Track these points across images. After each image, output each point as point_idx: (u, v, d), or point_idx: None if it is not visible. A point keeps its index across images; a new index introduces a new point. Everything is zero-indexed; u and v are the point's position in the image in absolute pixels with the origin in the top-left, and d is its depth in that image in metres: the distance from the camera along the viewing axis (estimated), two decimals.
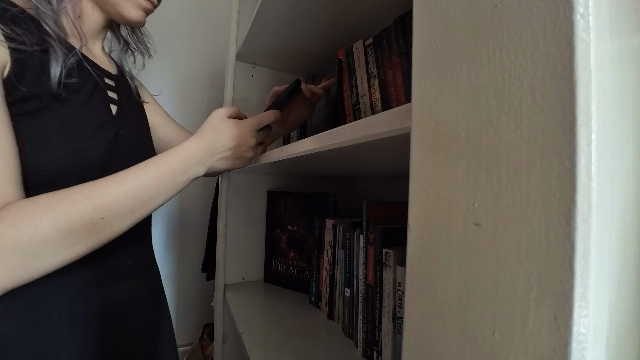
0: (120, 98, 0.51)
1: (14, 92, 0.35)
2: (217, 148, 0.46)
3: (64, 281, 0.39)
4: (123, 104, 0.51)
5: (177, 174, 0.42)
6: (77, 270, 0.38)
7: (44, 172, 0.37)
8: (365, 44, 0.56)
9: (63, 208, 0.32)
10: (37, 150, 0.37)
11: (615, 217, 0.13)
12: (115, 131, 0.47)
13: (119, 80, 0.53)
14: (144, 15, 0.49)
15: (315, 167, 0.61)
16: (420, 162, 0.19)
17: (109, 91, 0.49)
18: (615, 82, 0.13)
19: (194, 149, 0.44)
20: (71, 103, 0.41)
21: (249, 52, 0.81)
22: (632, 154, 0.15)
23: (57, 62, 0.39)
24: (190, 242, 1.34)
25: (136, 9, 0.48)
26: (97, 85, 0.46)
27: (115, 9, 0.47)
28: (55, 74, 0.39)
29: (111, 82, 0.50)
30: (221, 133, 0.46)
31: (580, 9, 0.12)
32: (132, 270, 0.49)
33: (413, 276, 0.19)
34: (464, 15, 0.16)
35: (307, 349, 0.54)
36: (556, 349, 0.12)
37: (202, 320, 1.32)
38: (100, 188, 0.35)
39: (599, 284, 0.12)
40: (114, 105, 0.49)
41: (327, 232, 0.69)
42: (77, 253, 0.34)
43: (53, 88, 0.39)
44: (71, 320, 0.40)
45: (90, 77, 0.45)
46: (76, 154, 0.40)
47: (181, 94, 1.33)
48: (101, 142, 0.44)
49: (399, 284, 0.46)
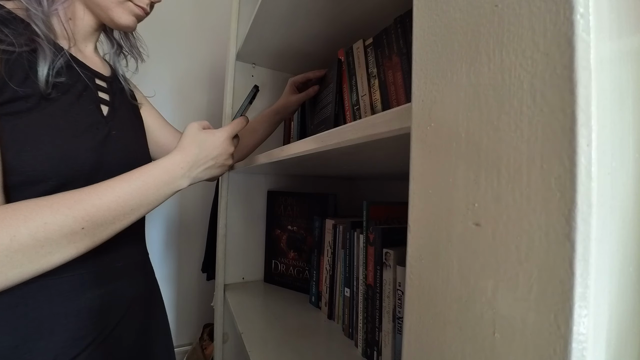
0: (113, 99, 0.51)
1: (2, 93, 0.35)
2: (200, 159, 0.47)
3: (45, 283, 0.38)
4: (115, 105, 0.51)
5: (161, 186, 0.42)
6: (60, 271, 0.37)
7: (31, 172, 0.37)
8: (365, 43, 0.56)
9: (43, 218, 0.32)
10: (25, 150, 0.37)
11: (615, 217, 0.13)
12: (107, 132, 0.46)
13: (112, 82, 0.52)
14: (134, 20, 0.49)
15: (315, 167, 0.61)
16: (420, 162, 0.19)
17: (100, 92, 0.49)
18: (615, 82, 0.13)
19: (180, 161, 0.45)
20: (59, 103, 0.41)
21: (249, 52, 0.81)
22: (632, 154, 0.15)
23: (45, 61, 0.39)
24: (190, 242, 1.34)
25: (127, 14, 0.48)
26: (87, 86, 0.46)
27: (107, 13, 0.47)
28: (43, 73, 0.39)
29: (103, 83, 0.50)
30: (203, 144, 0.48)
31: (580, 9, 0.12)
32: (122, 271, 0.48)
33: (413, 276, 0.19)
34: (464, 15, 0.16)
35: (307, 349, 0.54)
36: (556, 349, 0.12)
37: (202, 320, 1.32)
38: (82, 199, 0.35)
39: (599, 284, 0.12)
40: (105, 106, 0.49)
41: (327, 232, 0.69)
42: (54, 262, 0.33)
43: (41, 87, 0.39)
44: (51, 323, 0.39)
45: (79, 78, 0.45)
46: (64, 153, 0.40)
47: (181, 94, 1.33)
48: (90, 142, 0.43)
49: (399, 284, 0.46)
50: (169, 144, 0.62)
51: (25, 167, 0.37)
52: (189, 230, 1.34)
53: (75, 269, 0.41)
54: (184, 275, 1.33)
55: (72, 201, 0.34)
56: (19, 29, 0.38)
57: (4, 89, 0.36)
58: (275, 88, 0.91)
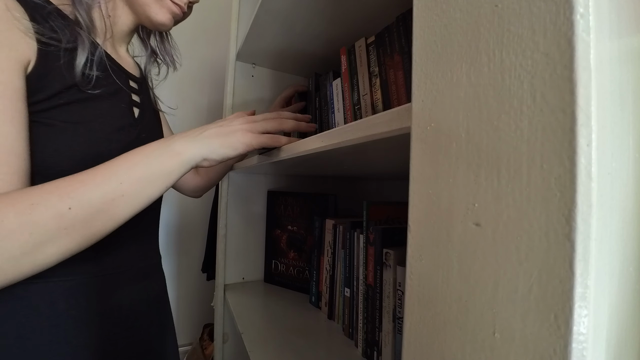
0: (142, 101, 0.52)
1: (37, 90, 0.35)
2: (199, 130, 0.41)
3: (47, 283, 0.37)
4: (144, 107, 0.52)
5: (150, 153, 0.36)
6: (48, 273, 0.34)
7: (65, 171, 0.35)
8: (367, 42, 0.56)
9: (30, 199, 0.29)
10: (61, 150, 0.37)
11: (615, 217, 0.13)
12: (137, 134, 0.47)
13: (142, 84, 0.53)
14: (171, 19, 0.49)
15: (315, 167, 0.61)
16: (420, 162, 0.19)
17: (132, 94, 0.50)
18: (615, 82, 0.13)
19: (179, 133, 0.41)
20: (94, 103, 0.41)
21: (249, 52, 0.81)
22: (632, 154, 0.15)
23: (83, 53, 0.40)
24: (190, 242, 1.34)
25: (164, 12, 0.48)
26: (121, 87, 0.47)
27: (144, 9, 0.47)
28: (80, 63, 0.39)
29: (135, 85, 0.51)
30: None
31: (580, 9, 0.12)
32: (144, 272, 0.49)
33: (413, 276, 0.19)
34: (464, 15, 0.16)
35: (307, 349, 0.54)
36: (556, 349, 0.12)
37: (202, 320, 1.32)
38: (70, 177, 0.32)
39: (599, 284, 0.12)
40: (137, 108, 0.50)
41: (327, 232, 0.69)
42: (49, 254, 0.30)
43: (77, 79, 0.39)
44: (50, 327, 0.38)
45: (113, 78, 0.46)
46: (98, 155, 0.39)
47: (181, 94, 1.33)
48: (122, 144, 0.43)
49: (399, 284, 0.46)
50: None
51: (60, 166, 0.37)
52: (189, 230, 1.34)
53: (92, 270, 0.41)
54: (184, 275, 1.33)
55: (60, 180, 0.32)
56: (62, 25, 0.39)
57: (45, 87, 0.36)
58: (275, 88, 0.91)
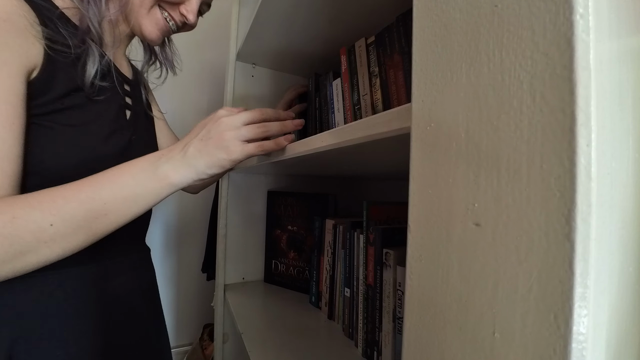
0: (134, 103, 0.52)
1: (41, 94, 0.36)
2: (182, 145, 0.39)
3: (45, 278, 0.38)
4: (136, 109, 0.52)
5: (137, 173, 0.36)
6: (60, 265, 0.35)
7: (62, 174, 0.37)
8: (367, 42, 0.56)
9: (13, 211, 0.29)
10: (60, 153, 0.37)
11: (615, 217, 0.13)
12: (129, 137, 0.47)
13: (134, 86, 0.53)
14: (160, 36, 0.49)
15: (315, 167, 0.61)
16: (420, 162, 0.19)
17: (125, 96, 0.50)
18: (614, 82, 0.13)
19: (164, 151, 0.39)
20: (93, 106, 0.42)
21: (249, 52, 0.81)
22: (632, 154, 0.15)
23: (93, 64, 0.40)
24: (190, 242, 1.34)
25: (154, 29, 0.48)
26: (117, 91, 0.47)
27: (137, 22, 0.47)
28: (90, 74, 0.39)
29: (128, 87, 0.51)
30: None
31: (580, 9, 0.12)
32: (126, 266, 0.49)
33: (413, 276, 0.19)
34: (464, 15, 0.16)
35: (307, 349, 0.54)
36: (556, 349, 0.12)
37: (202, 320, 1.32)
38: (53, 190, 0.32)
39: (599, 284, 0.12)
40: (128, 111, 0.50)
41: (327, 232, 0.69)
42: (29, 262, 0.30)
43: (86, 90, 0.39)
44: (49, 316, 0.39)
45: (114, 83, 0.46)
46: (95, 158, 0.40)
47: (181, 94, 1.33)
48: (116, 147, 0.44)
49: (399, 284, 0.46)
50: None
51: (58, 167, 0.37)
52: (189, 231, 1.34)
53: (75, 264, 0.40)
54: (184, 275, 1.33)
55: (44, 194, 0.31)
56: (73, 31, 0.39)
57: (49, 91, 0.36)
58: (275, 88, 0.91)
